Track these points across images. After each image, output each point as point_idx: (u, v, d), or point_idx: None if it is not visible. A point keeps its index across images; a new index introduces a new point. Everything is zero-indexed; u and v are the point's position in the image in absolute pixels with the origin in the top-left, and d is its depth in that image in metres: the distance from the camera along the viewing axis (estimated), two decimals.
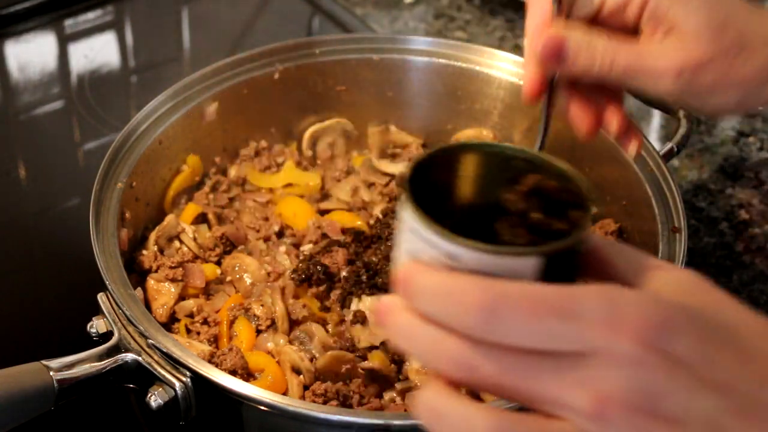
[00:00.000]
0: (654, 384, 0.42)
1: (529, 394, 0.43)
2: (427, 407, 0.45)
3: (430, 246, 0.45)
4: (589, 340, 0.42)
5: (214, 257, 0.87)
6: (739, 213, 1.03)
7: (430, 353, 0.44)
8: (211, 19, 1.33)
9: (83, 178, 1.02)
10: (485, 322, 0.42)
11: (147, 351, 0.70)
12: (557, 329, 0.42)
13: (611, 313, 0.42)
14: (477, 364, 0.43)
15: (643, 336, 0.42)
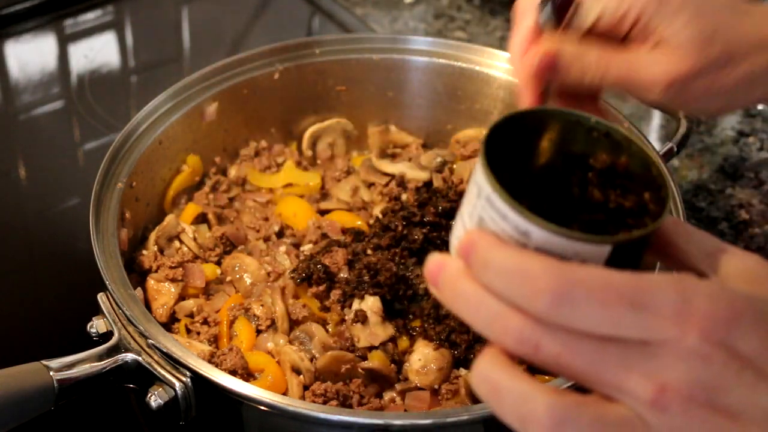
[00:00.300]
0: (717, 378, 0.43)
1: (590, 377, 0.44)
2: (485, 379, 0.45)
3: (502, 217, 0.45)
4: (658, 330, 0.43)
5: (214, 257, 0.87)
6: (739, 213, 1.03)
7: (494, 326, 0.45)
8: (211, 19, 1.33)
9: (83, 178, 1.02)
10: (556, 307, 0.43)
11: (147, 351, 0.70)
12: (627, 318, 0.43)
13: (681, 306, 0.43)
14: (542, 343, 0.44)
15: (711, 332, 0.43)
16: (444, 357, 0.77)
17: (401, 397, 0.76)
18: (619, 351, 0.43)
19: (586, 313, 0.43)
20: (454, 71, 0.98)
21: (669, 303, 0.43)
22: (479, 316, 0.45)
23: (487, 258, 0.45)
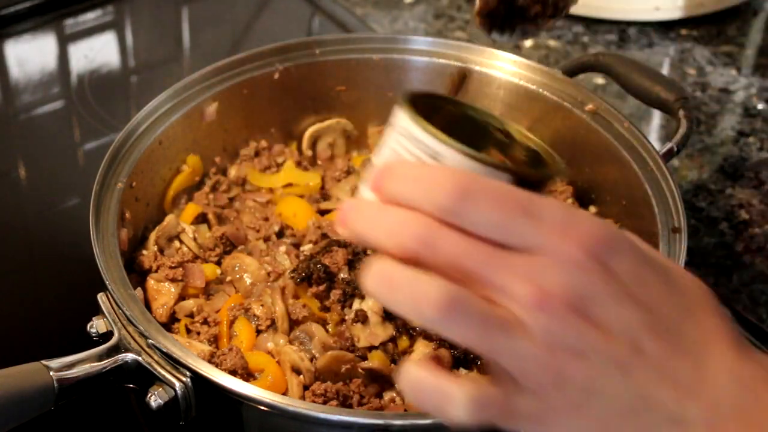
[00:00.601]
0: (590, 288, 0.47)
1: (479, 278, 0.47)
2: (379, 275, 0.48)
3: (415, 143, 0.49)
4: (543, 239, 0.47)
5: (214, 257, 0.87)
6: (739, 213, 1.03)
7: (394, 230, 0.48)
8: (211, 19, 1.33)
9: (83, 178, 1.02)
10: (458, 201, 0.46)
11: (147, 351, 0.70)
12: (519, 223, 0.47)
13: (568, 221, 0.47)
14: (438, 243, 0.47)
15: (589, 246, 0.47)
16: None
17: (401, 397, 0.76)
18: (508, 256, 0.47)
19: (483, 213, 0.47)
20: (454, 71, 0.98)
21: (557, 217, 0.47)
22: (382, 224, 0.48)
23: (398, 171, 0.48)
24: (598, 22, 1.31)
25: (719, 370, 0.49)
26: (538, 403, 0.48)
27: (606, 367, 0.48)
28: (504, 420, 0.49)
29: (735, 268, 0.97)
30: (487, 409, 0.48)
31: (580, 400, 0.48)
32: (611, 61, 0.95)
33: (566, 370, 0.48)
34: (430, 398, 0.49)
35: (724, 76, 1.22)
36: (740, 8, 1.35)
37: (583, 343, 0.47)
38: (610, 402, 0.48)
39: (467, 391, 0.48)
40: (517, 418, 0.49)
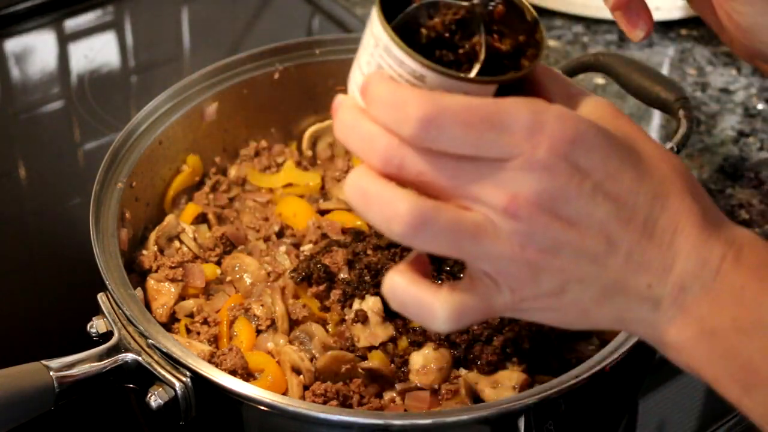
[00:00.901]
0: (560, 189, 0.49)
1: (449, 191, 0.49)
2: (355, 186, 0.50)
3: (399, 64, 0.51)
4: (512, 147, 0.48)
5: (214, 257, 0.87)
6: (739, 213, 1.03)
7: (365, 146, 0.50)
8: (211, 19, 1.33)
9: (83, 178, 1.02)
10: (423, 131, 0.48)
11: (147, 351, 0.70)
12: (487, 138, 0.48)
13: (533, 125, 0.48)
14: (405, 162, 0.49)
15: (557, 147, 0.48)
16: (444, 357, 0.77)
17: (401, 397, 0.76)
18: (477, 167, 0.49)
19: (450, 136, 0.48)
20: None
21: (523, 122, 0.48)
22: (355, 138, 0.51)
23: (375, 92, 0.50)
24: (598, 22, 1.30)
25: (686, 253, 0.51)
26: (516, 298, 0.51)
27: (579, 260, 0.50)
28: (484, 318, 0.53)
29: None
30: (467, 317, 0.51)
31: (556, 290, 0.51)
32: (611, 61, 0.95)
33: (540, 266, 0.50)
34: (413, 310, 0.51)
35: (724, 76, 1.22)
36: None
37: (555, 241, 0.49)
38: (584, 290, 0.51)
39: (447, 304, 0.50)
40: (497, 314, 0.52)
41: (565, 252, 0.50)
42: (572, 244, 0.50)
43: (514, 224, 0.49)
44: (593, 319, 0.53)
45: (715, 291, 0.51)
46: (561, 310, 0.52)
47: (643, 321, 0.52)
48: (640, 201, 0.51)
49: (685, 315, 0.51)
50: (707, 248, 0.52)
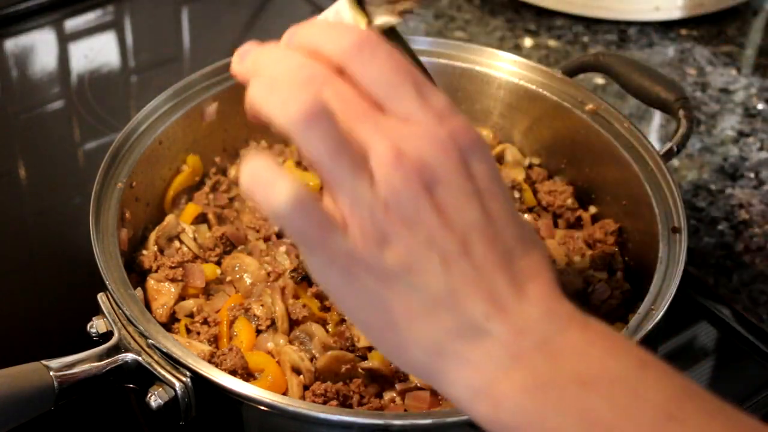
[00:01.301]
0: (445, 171, 0.49)
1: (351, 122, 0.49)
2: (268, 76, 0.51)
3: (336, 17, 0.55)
4: (421, 115, 0.49)
5: (214, 257, 0.87)
6: (739, 213, 1.03)
7: (289, 72, 0.50)
8: (211, 19, 1.33)
9: (83, 178, 1.02)
10: (357, 49, 0.49)
11: (147, 351, 0.70)
12: (405, 91, 0.49)
13: (447, 112, 0.49)
14: (324, 81, 0.50)
15: (457, 137, 0.49)
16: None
17: (401, 397, 0.76)
18: (381, 115, 0.49)
19: (379, 69, 0.49)
20: (454, 71, 0.98)
21: (441, 105, 0.49)
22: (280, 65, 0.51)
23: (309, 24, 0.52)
24: (598, 22, 1.31)
25: (536, 301, 0.49)
26: (352, 256, 0.49)
27: (429, 250, 0.48)
28: (314, 252, 0.49)
29: (735, 268, 0.97)
30: (306, 219, 0.48)
31: (392, 272, 0.48)
32: (611, 61, 0.95)
33: (392, 235, 0.48)
34: (261, 184, 0.48)
35: (724, 76, 1.22)
36: (740, 8, 1.35)
37: (417, 216, 0.48)
38: (418, 288, 0.48)
39: (296, 189, 0.48)
40: (326, 257, 0.49)
41: (421, 233, 0.48)
42: (431, 228, 0.48)
43: (390, 177, 0.48)
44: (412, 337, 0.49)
45: (557, 346, 0.48)
46: (384, 308, 0.49)
47: (467, 360, 0.49)
48: (509, 233, 0.50)
49: (518, 363, 0.48)
50: (557, 305, 0.50)
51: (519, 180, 0.94)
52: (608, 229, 0.90)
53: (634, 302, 0.83)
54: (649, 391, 0.47)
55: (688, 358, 0.89)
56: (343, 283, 0.50)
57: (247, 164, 0.49)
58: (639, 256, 0.87)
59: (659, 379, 0.48)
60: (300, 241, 0.49)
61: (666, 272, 0.77)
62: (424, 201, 0.48)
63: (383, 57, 0.50)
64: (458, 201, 0.49)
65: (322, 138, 0.48)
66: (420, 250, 0.48)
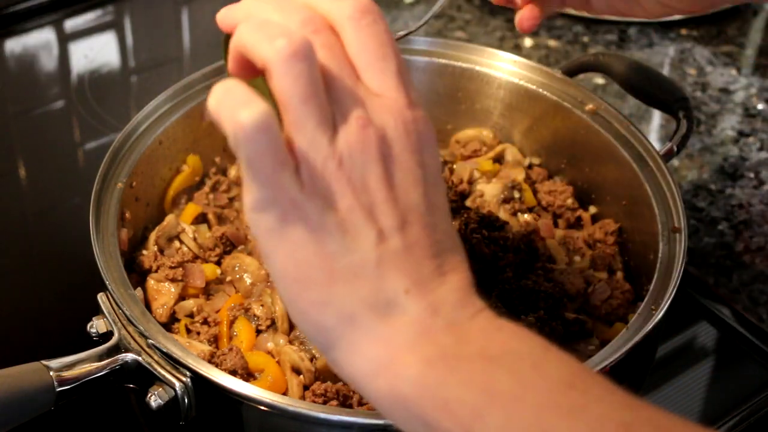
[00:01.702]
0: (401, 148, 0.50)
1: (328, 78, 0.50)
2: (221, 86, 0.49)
3: None
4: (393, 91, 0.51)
5: (214, 257, 0.87)
6: (739, 213, 1.03)
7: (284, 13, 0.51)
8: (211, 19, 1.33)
9: (83, 178, 1.02)
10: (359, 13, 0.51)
11: (147, 351, 0.70)
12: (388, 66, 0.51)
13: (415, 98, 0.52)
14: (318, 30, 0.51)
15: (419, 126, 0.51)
16: None
17: None
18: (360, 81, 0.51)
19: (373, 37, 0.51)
20: (454, 71, 0.98)
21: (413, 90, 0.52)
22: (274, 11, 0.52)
23: None
24: (598, 22, 1.31)
25: (454, 290, 0.51)
26: (293, 202, 0.49)
27: (369, 218, 0.50)
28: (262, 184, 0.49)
29: (735, 268, 0.97)
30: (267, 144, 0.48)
31: (327, 228, 0.49)
32: (611, 61, 0.95)
33: (337, 193, 0.49)
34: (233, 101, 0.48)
35: (724, 76, 1.22)
36: (740, 8, 1.35)
37: (367, 183, 0.49)
38: (349, 251, 0.49)
39: (267, 113, 0.47)
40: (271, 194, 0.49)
41: (365, 199, 0.49)
42: (376, 197, 0.50)
43: (351, 138, 0.49)
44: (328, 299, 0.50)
45: (466, 328, 0.50)
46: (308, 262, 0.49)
47: (376, 332, 0.50)
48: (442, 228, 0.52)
49: (426, 339, 0.49)
50: (472, 298, 0.51)
51: (519, 180, 0.94)
52: (608, 229, 0.90)
53: (634, 302, 0.83)
54: (552, 367, 0.48)
55: (688, 358, 0.89)
56: (275, 227, 0.50)
57: (221, 83, 0.49)
58: (639, 256, 0.87)
59: (561, 359, 0.49)
60: (253, 169, 0.49)
61: (666, 272, 0.77)
62: (378, 170, 0.50)
63: (380, 29, 0.51)
64: (407, 181, 0.51)
65: (300, 77, 0.48)
66: (360, 216, 0.49)
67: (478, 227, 0.86)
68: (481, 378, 0.48)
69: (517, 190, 0.92)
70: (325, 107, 0.49)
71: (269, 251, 0.51)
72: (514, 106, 0.97)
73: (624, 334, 0.71)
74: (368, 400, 0.51)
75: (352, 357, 0.50)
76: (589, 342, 0.79)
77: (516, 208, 0.90)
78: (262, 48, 0.49)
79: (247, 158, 0.48)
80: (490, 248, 0.84)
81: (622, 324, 0.80)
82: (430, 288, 0.50)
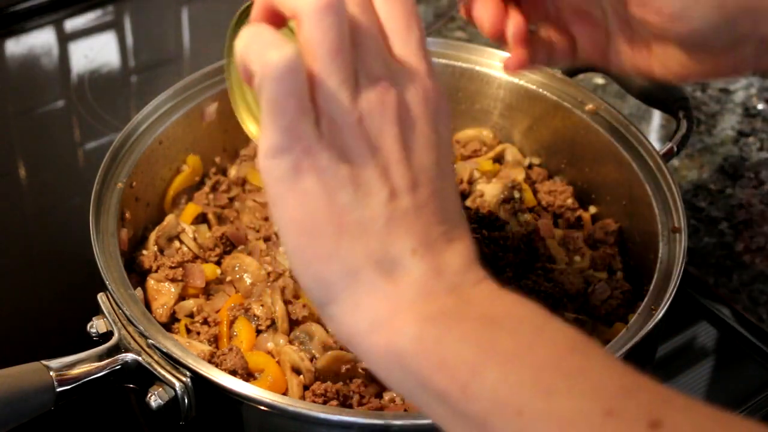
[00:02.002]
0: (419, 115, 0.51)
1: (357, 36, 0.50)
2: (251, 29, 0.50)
3: None
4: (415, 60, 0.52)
5: (214, 257, 0.87)
6: (739, 213, 1.03)
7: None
8: (211, 19, 1.33)
9: (83, 178, 1.02)
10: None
11: (147, 351, 0.70)
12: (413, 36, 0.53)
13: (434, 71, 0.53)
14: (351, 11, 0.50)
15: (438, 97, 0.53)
16: None
17: (401, 397, 0.76)
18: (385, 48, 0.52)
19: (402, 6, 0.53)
20: (454, 71, 0.98)
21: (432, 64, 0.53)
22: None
23: None
24: None
25: (459, 256, 0.51)
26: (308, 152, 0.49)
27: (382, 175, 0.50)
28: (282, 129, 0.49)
29: (735, 268, 0.97)
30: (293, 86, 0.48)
31: (341, 181, 0.49)
32: None
33: (354, 148, 0.50)
34: (263, 42, 0.48)
35: None
36: None
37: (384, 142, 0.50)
38: (360, 205, 0.50)
39: (298, 56, 0.48)
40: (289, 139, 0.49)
41: (380, 157, 0.50)
42: (390, 157, 0.50)
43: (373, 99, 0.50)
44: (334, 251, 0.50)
45: (468, 293, 0.50)
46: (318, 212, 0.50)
47: (378, 289, 0.50)
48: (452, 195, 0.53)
49: (428, 298, 0.49)
50: (476, 266, 0.52)
51: (519, 180, 0.94)
52: (608, 229, 0.90)
53: (634, 302, 0.83)
54: (554, 330, 0.49)
55: (688, 358, 0.89)
56: (288, 175, 0.50)
57: (249, 27, 0.50)
58: (639, 256, 0.87)
59: (563, 326, 0.49)
60: (275, 112, 0.49)
61: (666, 272, 0.77)
62: (394, 131, 0.50)
63: (408, 1, 0.53)
64: (421, 146, 0.51)
65: (331, 30, 0.49)
66: (374, 172, 0.50)
67: (478, 227, 0.86)
68: (480, 336, 0.48)
69: (517, 190, 0.92)
70: (351, 63, 0.50)
71: (279, 199, 0.50)
72: (514, 106, 0.97)
73: (624, 334, 0.71)
74: (363, 357, 0.51)
75: (351, 312, 0.50)
76: None
77: (516, 208, 0.90)
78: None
79: (271, 99, 0.48)
80: (490, 248, 0.84)
81: (622, 324, 0.80)
82: (437, 251, 0.51)
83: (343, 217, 0.50)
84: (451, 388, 0.47)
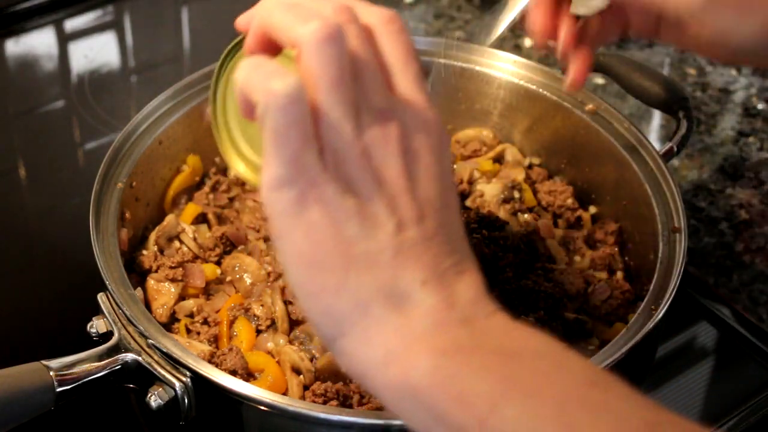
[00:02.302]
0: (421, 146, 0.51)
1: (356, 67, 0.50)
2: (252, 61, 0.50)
3: None
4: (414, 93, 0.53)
5: (214, 257, 0.87)
6: (739, 213, 1.03)
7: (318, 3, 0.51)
8: (211, 19, 1.33)
9: (83, 178, 1.02)
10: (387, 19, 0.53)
11: (147, 351, 0.70)
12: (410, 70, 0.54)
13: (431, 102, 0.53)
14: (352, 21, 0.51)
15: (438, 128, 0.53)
16: None
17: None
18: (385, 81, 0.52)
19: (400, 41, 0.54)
20: (454, 71, 0.98)
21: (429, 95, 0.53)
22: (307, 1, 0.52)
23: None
24: None
25: (470, 288, 0.50)
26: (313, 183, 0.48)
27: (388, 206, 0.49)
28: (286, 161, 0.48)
29: (735, 268, 0.97)
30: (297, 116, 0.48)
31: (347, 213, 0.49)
32: (611, 61, 0.95)
33: (359, 180, 0.49)
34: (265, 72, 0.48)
35: (724, 76, 1.22)
36: None
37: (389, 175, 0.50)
38: (367, 237, 0.49)
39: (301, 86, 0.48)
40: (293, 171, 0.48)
41: (386, 189, 0.50)
42: (395, 187, 0.50)
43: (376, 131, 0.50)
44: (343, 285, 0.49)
45: (482, 324, 0.49)
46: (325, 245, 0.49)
47: (390, 322, 0.48)
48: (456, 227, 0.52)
49: (441, 330, 0.48)
50: (487, 299, 0.51)
51: (519, 180, 0.94)
52: (608, 229, 0.90)
53: (634, 302, 0.83)
54: (574, 364, 0.48)
55: (688, 358, 0.89)
56: (293, 208, 0.49)
57: (248, 59, 0.50)
58: (639, 256, 0.87)
59: (581, 360, 0.49)
60: (278, 142, 0.48)
61: (666, 272, 0.77)
62: (399, 163, 0.50)
63: (406, 37, 0.53)
64: (426, 177, 0.51)
65: (332, 61, 0.49)
66: (381, 204, 0.49)
67: (478, 227, 0.86)
68: (498, 370, 0.46)
69: (517, 190, 0.92)
70: (352, 94, 0.49)
71: (284, 232, 0.49)
72: (514, 106, 0.97)
73: (624, 334, 0.71)
74: (374, 391, 0.50)
75: (363, 346, 0.49)
76: (589, 342, 0.79)
77: (516, 208, 0.90)
78: (294, 28, 0.49)
79: (275, 129, 0.48)
80: (490, 248, 0.84)
81: (622, 324, 0.80)
82: (447, 282, 0.50)
83: (351, 249, 0.49)
84: (469, 423, 0.45)
